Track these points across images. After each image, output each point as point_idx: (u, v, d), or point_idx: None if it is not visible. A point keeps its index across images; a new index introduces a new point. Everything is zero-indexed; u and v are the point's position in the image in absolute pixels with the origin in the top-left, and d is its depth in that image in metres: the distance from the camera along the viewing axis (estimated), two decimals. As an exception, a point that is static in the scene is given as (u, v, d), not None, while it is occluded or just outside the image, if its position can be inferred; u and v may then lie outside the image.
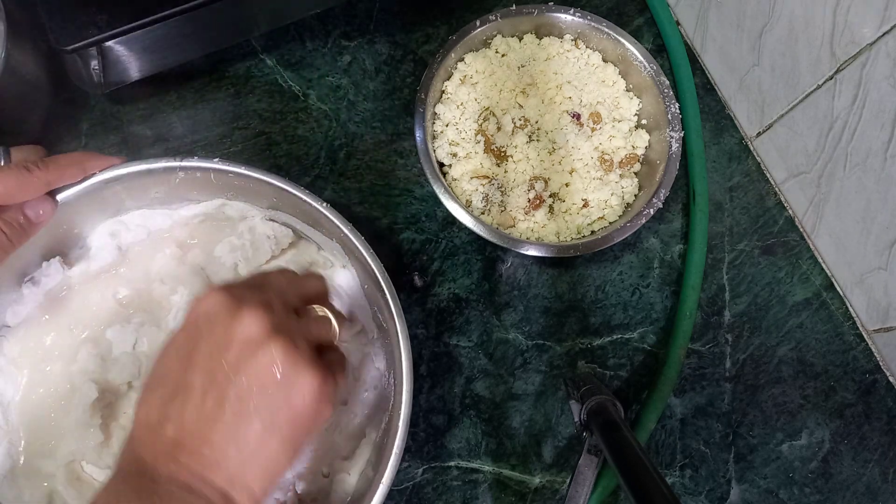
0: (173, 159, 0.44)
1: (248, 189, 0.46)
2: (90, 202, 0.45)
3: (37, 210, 0.41)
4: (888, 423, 0.56)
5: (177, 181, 0.46)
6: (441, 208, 0.58)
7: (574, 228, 0.56)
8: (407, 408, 0.41)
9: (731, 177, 0.61)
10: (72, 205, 0.44)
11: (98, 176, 0.44)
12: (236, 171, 0.44)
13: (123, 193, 0.46)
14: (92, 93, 0.56)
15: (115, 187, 0.45)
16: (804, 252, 0.59)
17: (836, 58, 0.48)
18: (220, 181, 0.46)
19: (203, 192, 0.48)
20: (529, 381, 0.55)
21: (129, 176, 0.44)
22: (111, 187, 0.45)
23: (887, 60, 0.44)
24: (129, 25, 0.47)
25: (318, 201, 0.44)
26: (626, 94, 0.59)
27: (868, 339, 0.58)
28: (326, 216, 0.44)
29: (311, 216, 0.46)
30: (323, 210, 0.44)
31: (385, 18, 0.63)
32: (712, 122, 0.63)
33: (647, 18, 0.65)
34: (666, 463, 0.54)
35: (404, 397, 0.41)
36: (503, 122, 0.58)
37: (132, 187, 0.46)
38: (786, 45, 0.52)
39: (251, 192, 0.47)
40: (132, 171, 0.44)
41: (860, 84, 0.47)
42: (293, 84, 0.60)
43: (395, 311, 0.43)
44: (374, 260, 0.44)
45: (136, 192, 0.47)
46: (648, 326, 0.57)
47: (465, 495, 0.52)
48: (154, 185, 0.46)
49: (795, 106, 0.54)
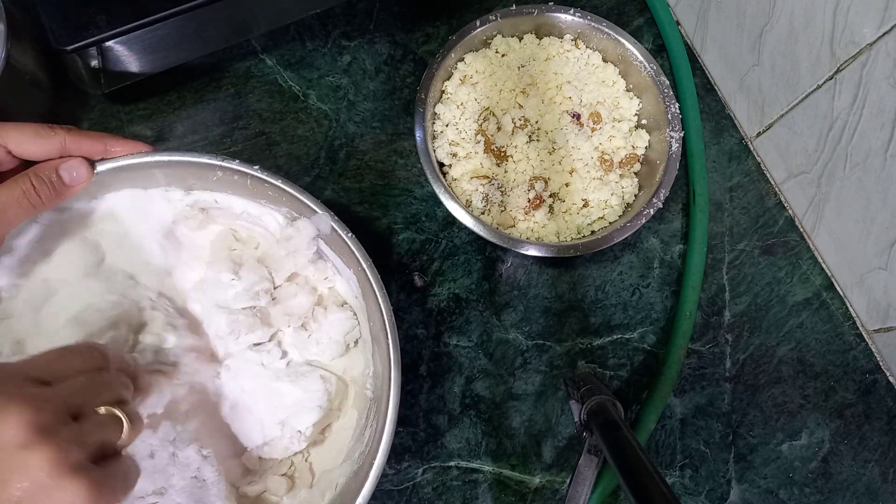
0: (215, 157, 0.44)
1: (278, 199, 0.46)
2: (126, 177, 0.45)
3: (71, 172, 0.40)
4: (888, 423, 0.56)
5: (214, 178, 0.46)
6: (441, 208, 0.58)
7: (574, 228, 0.56)
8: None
9: (731, 177, 0.61)
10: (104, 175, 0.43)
11: (143, 157, 0.43)
12: (273, 182, 0.44)
13: (161, 176, 0.46)
14: (92, 93, 0.56)
15: (154, 170, 0.45)
16: (804, 252, 0.59)
17: (836, 58, 0.48)
18: (256, 188, 0.46)
19: (239, 193, 0.48)
20: (529, 381, 0.55)
21: (171, 164, 0.44)
22: (150, 168, 0.45)
23: (887, 60, 0.44)
24: (129, 25, 0.47)
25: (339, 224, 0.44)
26: (626, 94, 0.59)
27: (868, 339, 0.58)
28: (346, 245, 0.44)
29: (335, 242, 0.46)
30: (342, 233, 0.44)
31: (385, 18, 0.63)
32: (712, 122, 0.63)
33: (647, 18, 0.65)
34: (666, 463, 0.54)
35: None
36: (503, 122, 0.58)
37: (172, 175, 0.46)
38: (786, 45, 0.52)
39: (280, 201, 0.47)
40: (174, 159, 0.44)
41: (860, 84, 0.47)
42: (293, 84, 0.60)
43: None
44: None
45: (175, 179, 0.47)
46: (648, 326, 0.57)
47: (465, 495, 0.52)
48: (191, 176, 0.46)
49: (795, 106, 0.54)
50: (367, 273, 0.43)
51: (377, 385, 0.45)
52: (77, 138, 0.41)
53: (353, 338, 0.49)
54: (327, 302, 0.50)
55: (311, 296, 0.49)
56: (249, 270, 0.48)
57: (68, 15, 0.47)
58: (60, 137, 0.40)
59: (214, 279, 0.47)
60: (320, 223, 0.45)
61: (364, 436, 0.45)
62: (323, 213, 0.44)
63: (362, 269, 0.44)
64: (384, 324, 0.42)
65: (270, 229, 0.49)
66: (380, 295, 0.43)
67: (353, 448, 0.46)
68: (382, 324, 0.43)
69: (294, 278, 0.50)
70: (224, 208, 0.49)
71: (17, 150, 0.39)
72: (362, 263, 0.43)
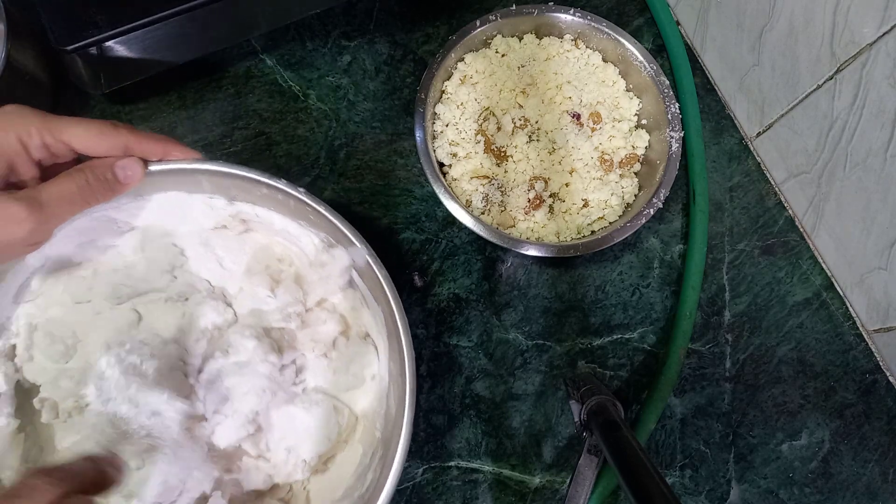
0: (262, 174, 0.44)
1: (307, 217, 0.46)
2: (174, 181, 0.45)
3: (125, 171, 0.40)
4: (888, 423, 0.56)
5: (259, 193, 0.45)
6: (441, 208, 0.58)
7: (574, 228, 0.56)
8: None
9: (731, 177, 0.61)
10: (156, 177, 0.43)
11: (194, 164, 0.43)
12: (316, 207, 0.44)
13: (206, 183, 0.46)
14: (92, 93, 0.56)
15: (200, 176, 0.45)
16: (804, 252, 0.59)
17: (836, 58, 0.48)
18: (298, 210, 0.45)
19: (280, 211, 0.48)
20: (529, 381, 0.55)
21: (219, 174, 0.44)
22: (198, 175, 0.45)
23: (887, 60, 0.44)
24: (129, 25, 0.47)
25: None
26: (626, 94, 0.59)
27: (868, 339, 0.58)
28: None
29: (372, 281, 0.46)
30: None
31: (385, 18, 0.63)
32: (712, 122, 0.63)
33: (647, 18, 0.65)
34: (666, 463, 0.54)
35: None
36: (503, 122, 0.58)
37: (218, 184, 0.46)
38: (786, 45, 0.52)
39: (319, 225, 0.47)
40: (223, 170, 0.44)
41: (860, 84, 0.47)
42: (293, 84, 0.60)
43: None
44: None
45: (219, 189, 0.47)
46: (648, 326, 0.57)
47: (465, 495, 0.52)
48: (236, 188, 0.46)
49: (795, 106, 0.54)
50: (396, 313, 0.42)
51: (387, 426, 0.44)
52: (139, 138, 0.41)
53: (371, 373, 0.48)
54: (351, 332, 0.49)
55: (338, 324, 0.48)
56: (286, 290, 0.47)
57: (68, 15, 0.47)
58: (124, 136, 0.40)
59: (251, 292, 0.47)
60: (356, 255, 0.44)
61: (366, 478, 0.43)
62: (361, 246, 0.43)
63: (391, 309, 0.43)
64: (404, 368, 0.41)
65: (306, 251, 0.48)
66: (404, 339, 0.42)
67: (353, 486, 0.45)
68: (402, 368, 0.41)
69: (323, 303, 0.49)
70: (264, 223, 0.48)
71: (79, 146, 0.39)
72: (392, 303, 0.42)
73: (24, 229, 0.36)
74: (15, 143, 0.37)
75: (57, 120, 0.38)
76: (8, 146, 0.37)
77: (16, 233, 0.36)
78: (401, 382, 0.42)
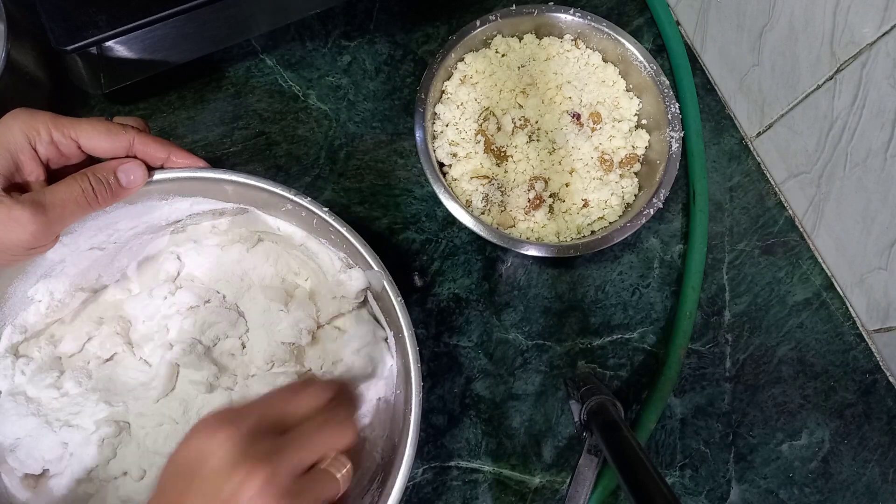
0: (289, 190, 0.43)
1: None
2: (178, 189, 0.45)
3: (128, 175, 0.40)
4: (888, 423, 0.56)
5: (283, 208, 0.45)
6: (441, 208, 0.58)
7: (574, 228, 0.56)
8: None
9: (731, 177, 0.61)
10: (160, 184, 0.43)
11: (219, 173, 0.43)
12: (338, 228, 0.44)
13: None
14: (92, 93, 0.56)
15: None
16: (804, 252, 0.59)
17: (836, 58, 0.48)
18: (321, 228, 0.45)
19: (302, 227, 0.48)
20: (529, 381, 0.55)
21: (245, 185, 0.44)
22: (223, 184, 0.45)
23: (887, 60, 0.44)
24: (129, 25, 0.47)
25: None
26: (626, 94, 0.59)
27: (868, 339, 0.58)
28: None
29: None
30: None
31: (385, 18, 0.63)
32: (712, 122, 0.63)
33: (647, 18, 0.65)
34: (666, 463, 0.54)
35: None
36: (503, 122, 0.58)
37: (243, 194, 0.46)
38: (786, 45, 0.52)
39: (339, 245, 0.46)
40: (250, 182, 0.44)
41: (860, 84, 0.47)
42: (293, 84, 0.60)
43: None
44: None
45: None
46: (648, 326, 0.57)
47: (465, 495, 0.52)
48: (260, 200, 0.46)
49: (795, 106, 0.54)
50: (407, 342, 0.42)
51: (387, 452, 0.44)
52: (145, 141, 0.41)
53: (377, 395, 0.48)
54: (361, 352, 0.49)
55: (349, 343, 0.48)
56: (299, 306, 0.47)
57: (68, 15, 0.47)
58: (130, 137, 0.40)
59: (265, 305, 0.47)
60: (373, 279, 0.44)
61: (363, 502, 0.43)
62: (378, 270, 0.43)
63: (402, 337, 0.43)
64: (410, 396, 0.41)
65: (324, 268, 0.48)
66: (413, 368, 0.41)
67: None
68: (408, 395, 0.41)
69: (335, 321, 0.49)
70: (284, 237, 0.48)
71: (87, 145, 0.39)
72: (404, 331, 0.42)
73: (27, 232, 0.36)
74: (21, 140, 0.37)
75: (66, 118, 0.39)
76: (14, 142, 0.37)
77: (19, 236, 0.36)
78: (403, 409, 0.42)
